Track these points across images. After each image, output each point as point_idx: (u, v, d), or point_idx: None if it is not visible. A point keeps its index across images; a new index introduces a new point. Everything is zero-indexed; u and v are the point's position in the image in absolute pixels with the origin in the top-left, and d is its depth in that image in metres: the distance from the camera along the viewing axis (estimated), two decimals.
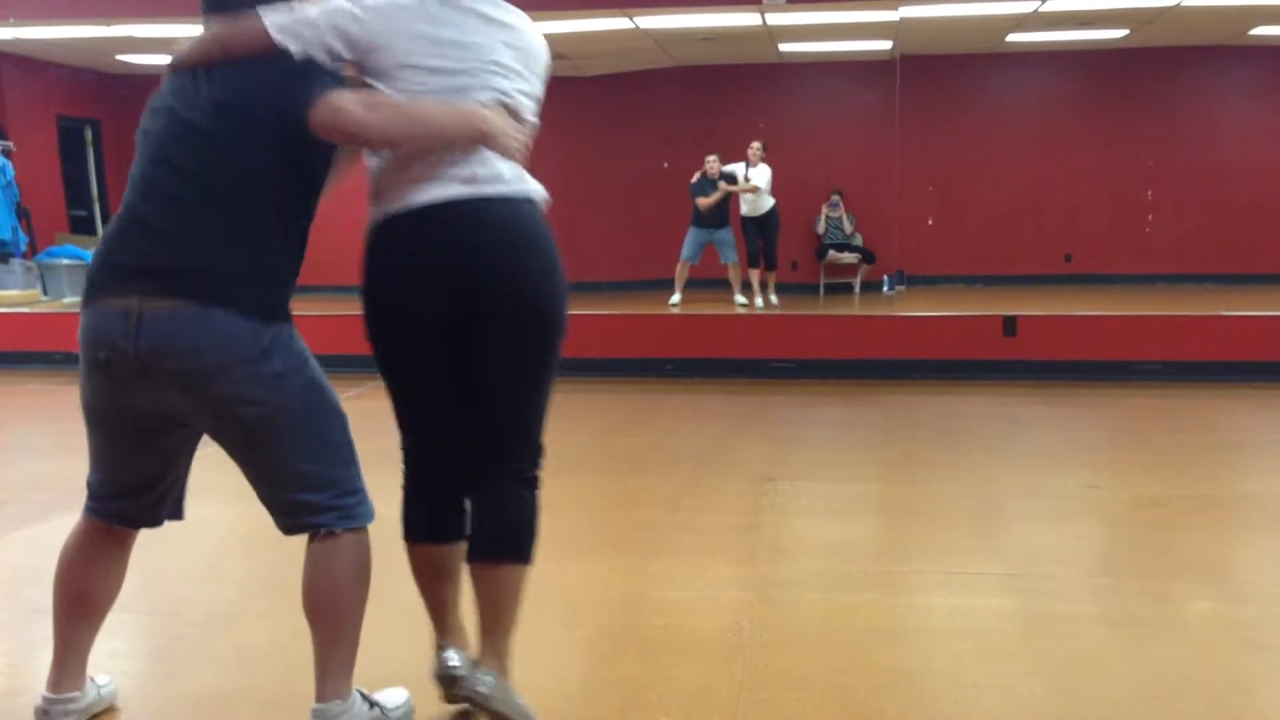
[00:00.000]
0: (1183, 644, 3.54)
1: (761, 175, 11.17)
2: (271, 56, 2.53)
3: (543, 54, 2.81)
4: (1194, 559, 4.43)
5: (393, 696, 3.01)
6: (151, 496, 2.85)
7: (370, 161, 2.75)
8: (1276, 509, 5.15)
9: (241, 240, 2.54)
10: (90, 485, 2.86)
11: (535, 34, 2.79)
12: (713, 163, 11.23)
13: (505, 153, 2.61)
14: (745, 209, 11.44)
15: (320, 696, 2.74)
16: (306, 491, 2.65)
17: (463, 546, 2.87)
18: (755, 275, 11.45)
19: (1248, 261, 13.03)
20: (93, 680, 2.98)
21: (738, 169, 11.28)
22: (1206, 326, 8.81)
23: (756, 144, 11.33)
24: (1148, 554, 4.55)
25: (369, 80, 2.61)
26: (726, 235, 11.31)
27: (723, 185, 11.12)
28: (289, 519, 2.72)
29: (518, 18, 2.75)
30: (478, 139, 2.58)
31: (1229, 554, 4.69)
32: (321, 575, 2.71)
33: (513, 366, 2.70)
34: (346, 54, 2.59)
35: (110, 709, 3.11)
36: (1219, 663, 3.39)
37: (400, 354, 2.78)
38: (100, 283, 2.59)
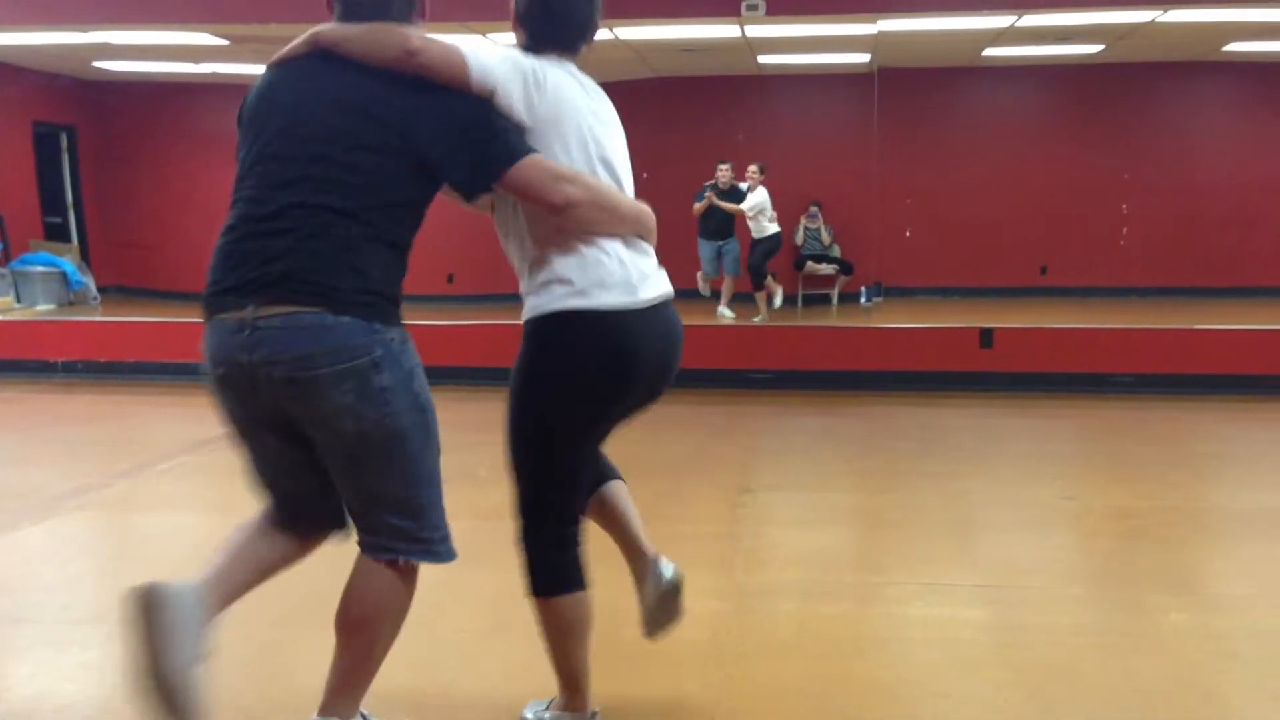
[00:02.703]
0: (1156, 654, 3.55)
1: (753, 199, 11.15)
2: (455, 87, 2.53)
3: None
4: (1168, 570, 4.46)
5: None
6: (320, 502, 2.72)
7: (527, 235, 2.71)
8: (1249, 520, 5.19)
9: (363, 249, 2.48)
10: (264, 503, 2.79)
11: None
12: (724, 171, 11.20)
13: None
14: (752, 230, 11.41)
15: (325, 710, 2.68)
16: (399, 517, 2.59)
17: None
18: (761, 295, 11.47)
19: (1221, 275, 13.13)
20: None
21: (743, 186, 11.34)
22: (1180, 339, 8.87)
23: (754, 166, 11.31)
24: (1122, 565, 4.57)
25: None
26: (732, 246, 11.33)
27: (709, 196, 11.16)
28: (375, 539, 2.63)
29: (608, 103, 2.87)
30: (643, 234, 2.75)
31: (1202, 565, 4.72)
32: (374, 596, 2.66)
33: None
34: (524, 115, 2.60)
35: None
36: (1193, 673, 3.41)
37: (599, 424, 2.81)
38: (216, 298, 2.51)
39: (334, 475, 2.59)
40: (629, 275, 2.68)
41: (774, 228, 11.44)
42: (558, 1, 2.74)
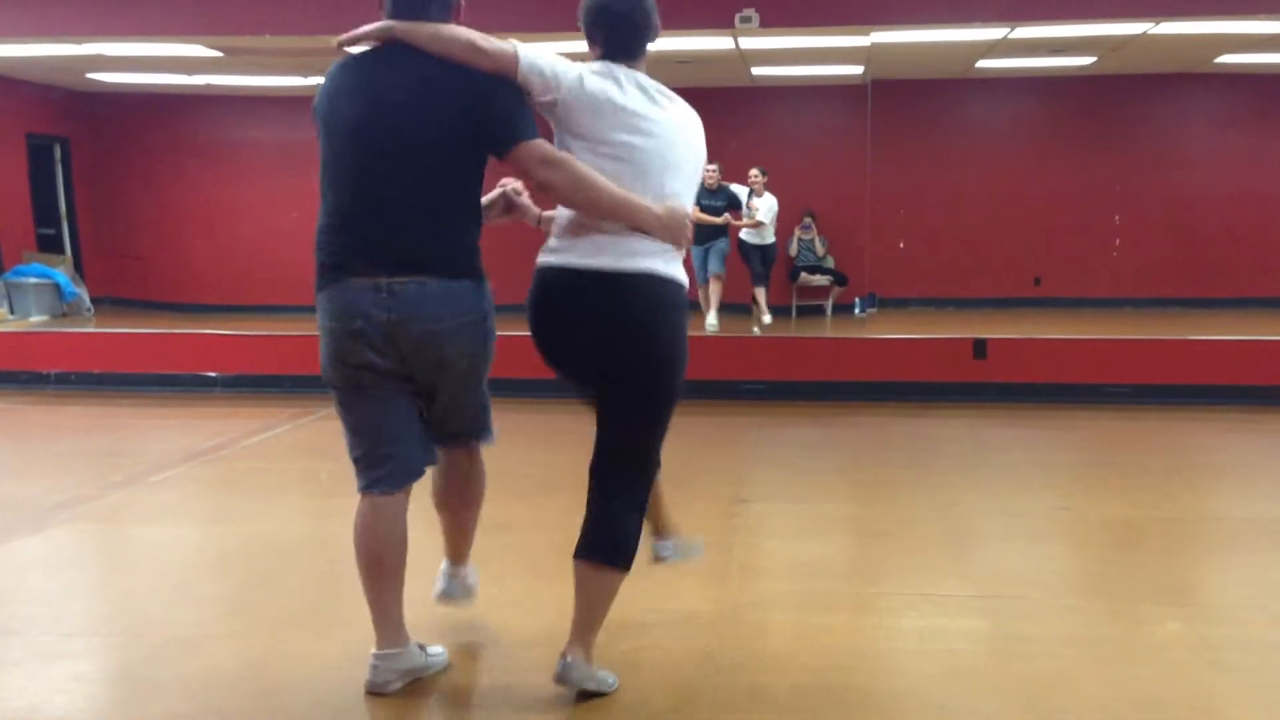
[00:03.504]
0: (1150, 665, 3.56)
1: (765, 207, 11.10)
2: (501, 80, 3.08)
3: (702, 148, 3.43)
4: (1161, 580, 4.46)
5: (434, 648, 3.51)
6: (414, 440, 3.31)
7: (561, 210, 3.27)
8: (1242, 531, 5.20)
9: (459, 226, 3.15)
10: (359, 463, 3.30)
11: (696, 124, 3.41)
12: (711, 173, 10.80)
13: (672, 243, 3.21)
14: (747, 234, 11.42)
15: (461, 559, 3.72)
16: (482, 412, 3.45)
17: None
18: (761, 294, 11.46)
19: (1214, 286, 13.16)
20: (421, 647, 3.41)
21: (741, 192, 11.27)
22: (1173, 350, 8.88)
23: (755, 171, 11.27)
24: (1116, 575, 4.57)
25: (566, 138, 3.17)
26: (723, 244, 11.10)
27: (699, 215, 11.04)
28: (468, 430, 3.44)
29: (683, 108, 3.38)
30: (636, 225, 3.13)
31: (1196, 575, 4.73)
32: (478, 472, 3.55)
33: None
34: (562, 112, 3.15)
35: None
36: (1186, 683, 3.41)
37: (556, 369, 3.36)
38: (343, 264, 3.11)
39: (448, 400, 3.29)
40: (580, 245, 3.16)
41: (772, 237, 11.43)
42: (604, 15, 3.27)
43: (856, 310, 12.73)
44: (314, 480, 6.44)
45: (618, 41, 3.27)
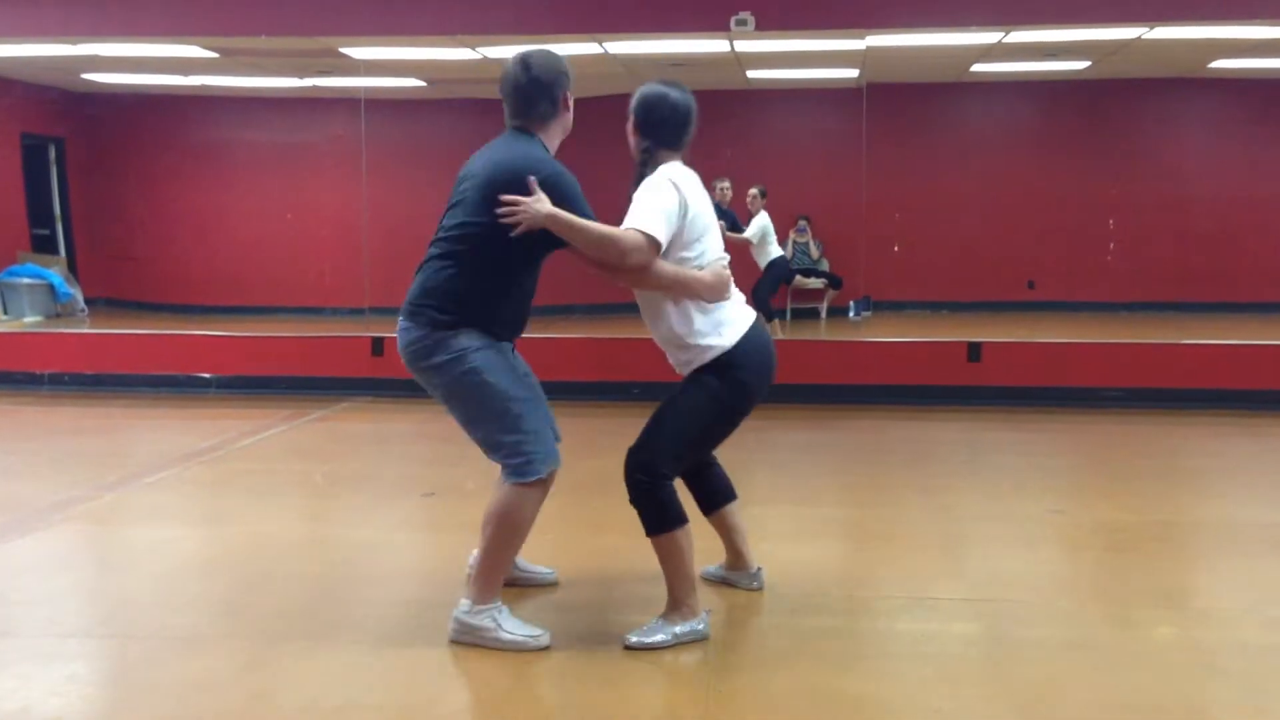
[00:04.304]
0: (1145, 668, 3.56)
1: (756, 224, 10.95)
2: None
3: None
4: (1156, 584, 4.47)
5: (521, 627, 3.68)
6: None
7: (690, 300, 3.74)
8: (1236, 535, 5.20)
9: (438, 280, 3.64)
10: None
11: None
12: (723, 190, 10.55)
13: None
14: (756, 258, 11.24)
15: (467, 594, 3.73)
16: (487, 449, 3.74)
17: None
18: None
19: (1207, 290, 13.18)
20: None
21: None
22: (1167, 354, 8.90)
23: (755, 190, 11.21)
24: (1110, 579, 4.58)
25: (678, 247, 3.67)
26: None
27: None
28: (489, 455, 3.76)
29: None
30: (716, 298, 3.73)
31: (1190, 579, 4.74)
32: (492, 503, 3.69)
33: None
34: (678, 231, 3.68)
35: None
36: (1180, 687, 3.42)
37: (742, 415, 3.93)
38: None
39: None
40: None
41: (777, 251, 11.22)
42: (657, 111, 3.83)
43: (851, 313, 12.74)
44: (308, 482, 6.43)
45: (677, 138, 3.89)
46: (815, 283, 12.98)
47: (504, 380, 3.65)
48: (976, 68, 12.00)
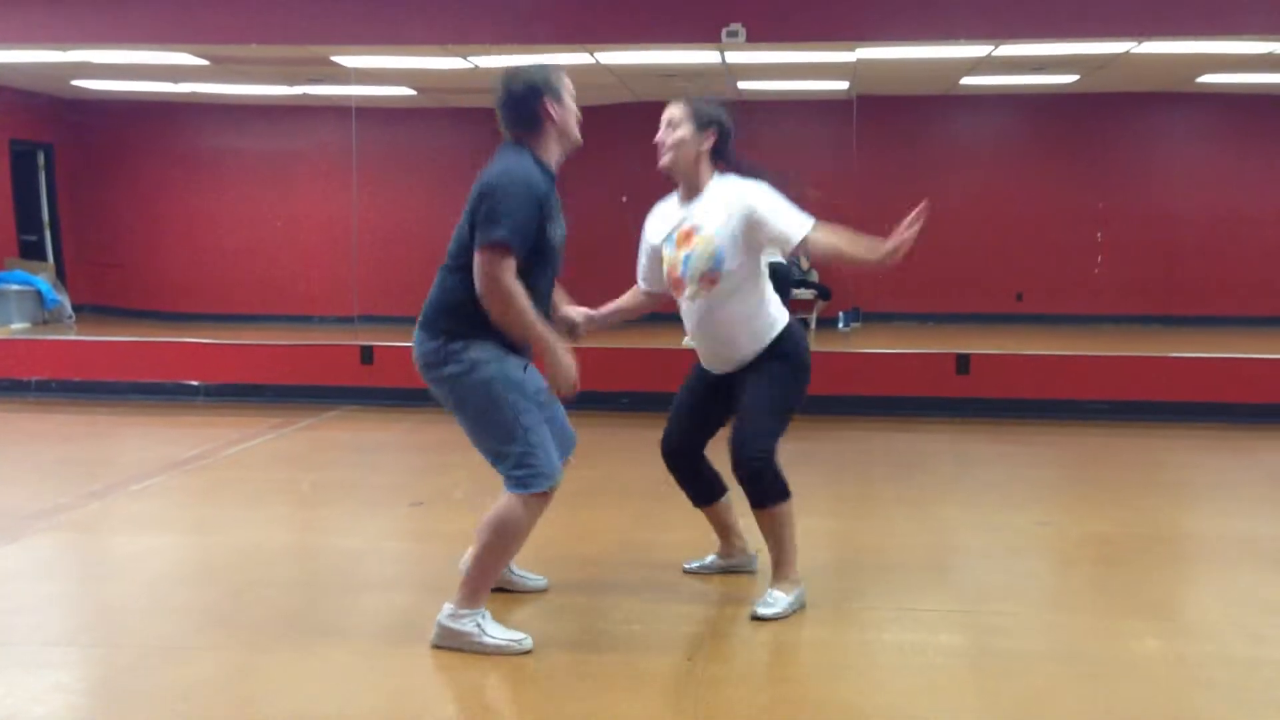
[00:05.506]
0: (1131, 681, 3.57)
1: None
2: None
3: None
4: (1142, 596, 4.48)
5: (504, 632, 3.71)
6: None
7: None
8: (1223, 547, 5.23)
9: (448, 292, 3.79)
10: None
11: None
12: None
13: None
14: None
15: (453, 599, 3.73)
16: (492, 460, 3.81)
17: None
18: None
19: (1194, 303, 13.23)
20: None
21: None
22: (1154, 367, 8.93)
23: None
24: (1097, 591, 4.59)
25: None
26: None
27: None
28: (497, 470, 3.80)
29: None
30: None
31: (1177, 591, 4.75)
32: (493, 509, 3.72)
33: None
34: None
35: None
36: (1166, 699, 3.43)
37: None
38: None
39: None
40: None
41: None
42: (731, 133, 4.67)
43: (840, 325, 12.77)
44: (296, 490, 6.42)
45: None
46: (805, 294, 13.00)
47: (513, 393, 3.71)
48: (966, 81, 12.05)
